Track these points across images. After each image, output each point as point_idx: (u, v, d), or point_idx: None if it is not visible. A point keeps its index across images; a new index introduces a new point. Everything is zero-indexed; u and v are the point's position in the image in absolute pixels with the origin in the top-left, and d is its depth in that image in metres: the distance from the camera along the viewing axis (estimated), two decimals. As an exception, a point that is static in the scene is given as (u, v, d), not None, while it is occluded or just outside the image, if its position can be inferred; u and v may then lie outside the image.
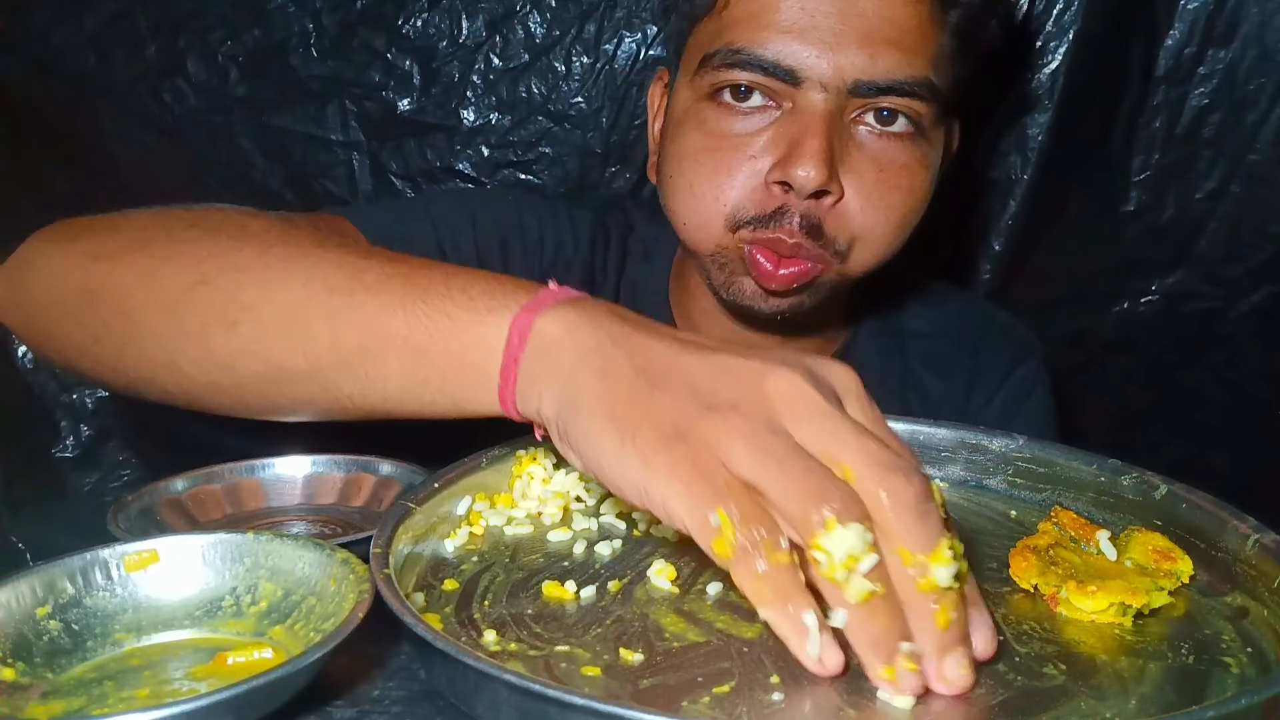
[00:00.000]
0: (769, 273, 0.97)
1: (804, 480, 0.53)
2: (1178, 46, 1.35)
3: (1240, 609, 0.67)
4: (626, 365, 0.60)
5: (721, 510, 0.53)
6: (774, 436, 0.55)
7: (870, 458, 0.55)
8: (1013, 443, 0.85)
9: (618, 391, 0.59)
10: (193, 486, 0.82)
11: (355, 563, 0.61)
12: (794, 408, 0.56)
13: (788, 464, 0.54)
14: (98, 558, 0.62)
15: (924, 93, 0.96)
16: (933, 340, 1.19)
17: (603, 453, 0.58)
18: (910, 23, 0.94)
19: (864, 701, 0.55)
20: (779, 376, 0.57)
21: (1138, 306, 1.48)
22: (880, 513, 0.54)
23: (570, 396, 0.61)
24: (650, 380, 0.59)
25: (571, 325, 0.63)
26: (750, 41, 0.95)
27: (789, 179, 0.93)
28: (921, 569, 0.53)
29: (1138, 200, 1.42)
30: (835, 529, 0.52)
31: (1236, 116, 1.36)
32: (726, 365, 0.59)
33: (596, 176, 1.44)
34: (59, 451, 1.52)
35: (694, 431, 0.56)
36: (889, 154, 0.97)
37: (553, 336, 0.63)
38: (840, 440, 0.55)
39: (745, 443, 0.55)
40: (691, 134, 1.00)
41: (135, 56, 1.39)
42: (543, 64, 1.40)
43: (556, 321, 0.63)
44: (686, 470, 0.55)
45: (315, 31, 1.38)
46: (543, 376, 0.62)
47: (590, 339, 0.62)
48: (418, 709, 0.59)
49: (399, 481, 0.84)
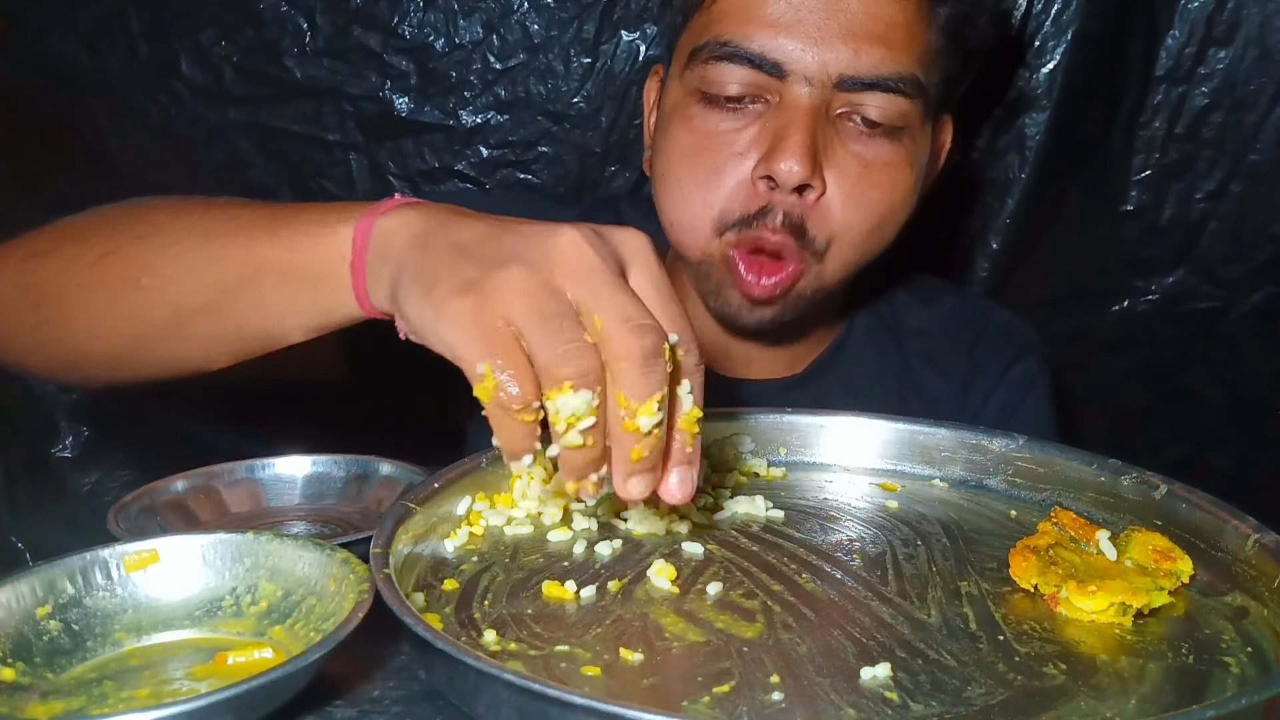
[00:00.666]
0: (751, 282, 0.99)
1: (556, 340, 0.60)
2: (1178, 46, 1.35)
3: (1240, 609, 0.67)
4: (446, 240, 0.66)
5: (487, 363, 0.60)
6: (546, 293, 0.61)
7: (618, 314, 0.61)
8: (1013, 443, 0.85)
9: (433, 259, 0.65)
10: (193, 486, 0.82)
11: (355, 563, 0.61)
12: (570, 265, 0.62)
13: (550, 322, 0.60)
14: (98, 558, 0.62)
15: (909, 89, 0.96)
16: (931, 338, 1.19)
17: (412, 308, 0.65)
18: (896, 19, 0.95)
19: (864, 701, 0.55)
20: (563, 236, 0.63)
21: (1137, 306, 1.48)
22: (612, 362, 0.61)
23: (398, 271, 0.67)
24: (462, 250, 0.65)
25: (406, 220, 0.70)
26: (737, 34, 0.96)
27: (773, 172, 0.94)
28: (630, 413, 0.60)
29: (1137, 200, 1.42)
30: (567, 392, 0.59)
31: (1237, 116, 1.36)
32: (526, 231, 0.65)
33: (596, 176, 1.43)
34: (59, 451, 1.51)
35: (483, 285, 0.61)
36: (873, 150, 0.98)
37: (389, 230, 0.70)
38: (598, 297, 0.61)
39: (521, 298, 0.61)
40: (680, 131, 1.01)
41: (129, 57, 1.39)
42: (541, 63, 1.39)
43: (394, 219, 0.70)
44: (468, 320, 0.61)
45: (309, 31, 1.38)
46: (383, 264, 0.69)
47: (420, 225, 0.68)
48: (418, 709, 0.59)
49: (399, 481, 0.84)
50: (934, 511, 0.81)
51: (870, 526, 0.78)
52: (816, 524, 0.78)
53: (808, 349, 1.16)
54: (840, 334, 1.18)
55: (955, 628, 0.63)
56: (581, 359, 0.60)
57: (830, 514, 0.80)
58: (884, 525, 0.78)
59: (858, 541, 0.75)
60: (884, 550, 0.74)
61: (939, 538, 0.76)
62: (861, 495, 0.84)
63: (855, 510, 0.81)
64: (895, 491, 0.85)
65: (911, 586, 0.69)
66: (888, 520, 0.79)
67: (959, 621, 0.64)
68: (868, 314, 1.18)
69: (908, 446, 0.89)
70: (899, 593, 0.68)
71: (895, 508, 0.82)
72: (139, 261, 0.82)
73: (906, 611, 0.65)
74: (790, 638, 0.61)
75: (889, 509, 0.82)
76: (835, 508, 0.82)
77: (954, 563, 0.72)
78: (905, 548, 0.75)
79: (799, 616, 0.64)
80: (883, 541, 0.76)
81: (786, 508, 0.81)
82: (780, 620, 0.63)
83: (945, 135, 1.11)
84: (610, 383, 0.61)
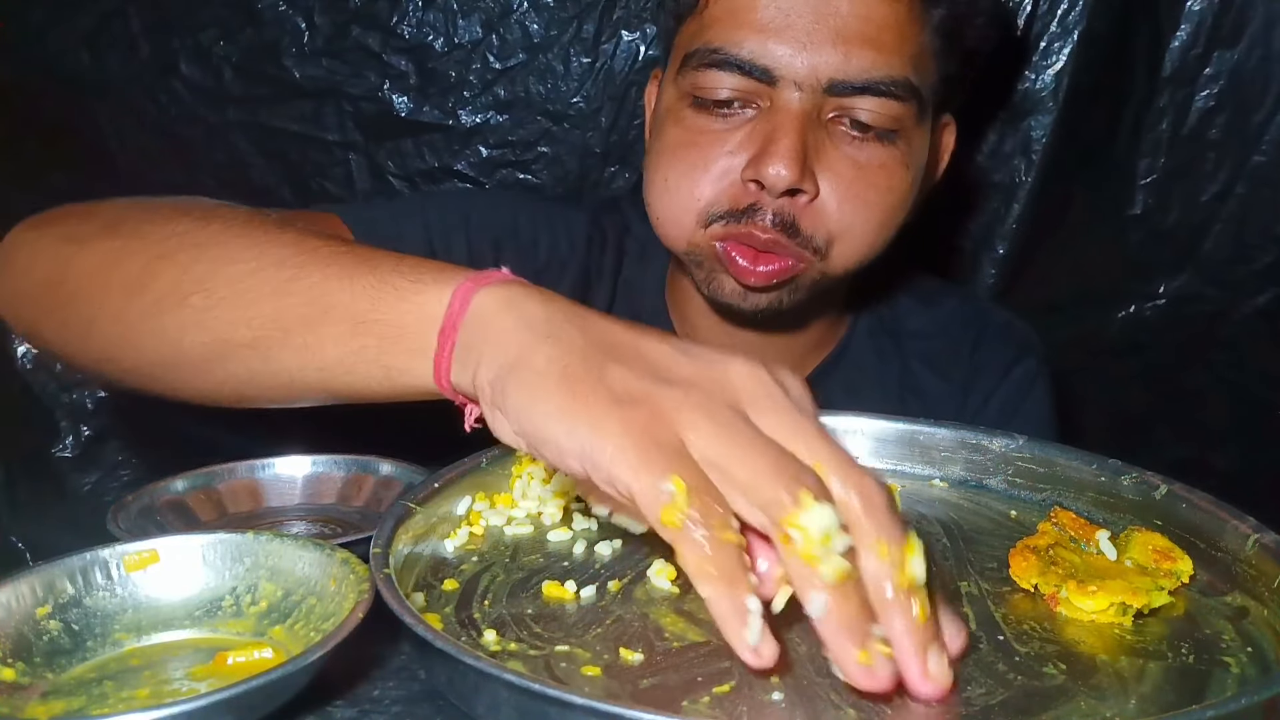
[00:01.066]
0: (746, 269, 0.98)
1: (775, 461, 0.52)
2: (1183, 47, 1.35)
3: (1240, 609, 0.67)
4: (579, 336, 0.58)
5: (677, 478, 0.51)
6: (736, 417, 0.54)
7: (840, 458, 0.54)
8: (1013, 443, 0.85)
9: (570, 356, 0.57)
10: (193, 486, 0.82)
11: (355, 563, 0.61)
12: (757, 396, 0.55)
13: (756, 443, 0.53)
14: (98, 558, 0.62)
15: (901, 92, 0.96)
16: (931, 340, 1.18)
17: (548, 412, 0.56)
18: (887, 20, 0.94)
19: (864, 701, 0.55)
20: (742, 364, 0.56)
21: (1143, 310, 1.48)
22: (851, 512, 0.53)
23: (513, 359, 0.59)
24: (604, 351, 0.57)
25: (516, 299, 0.62)
26: (727, 40, 0.95)
27: (761, 177, 0.94)
28: (898, 564, 0.52)
29: (1143, 203, 1.42)
30: (812, 506, 0.51)
31: (1242, 118, 1.36)
32: (686, 348, 0.58)
33: (596, 176, 1.44)
34: (59, 451, 1.52)
35: (650, 400, 0.54)
36: (866, 153, 0.97)
37: (496, 308, 0.61)
38: (806, 436, 0.54)
39: (707, 418, 0.53)
40: (671, 130, 1.01)
41: (129, 57, 1.39)
42: (540, 63, 1.39)
43: (501, 295, 0.62)
44: (639, 435, 0.53)
45: (308, 31, 1.38)
46: (483, 343, 0.61)
47: (539, 312, 0.61)
48: (418, 709, 0.59)
49: (399, 481, 0.84)
50: (934, 511, 0.81)
51: (870, 526, 0.78)
52: (816, 524, 0.78)
53: (812, 351, 1.16)
54: (843, 339, 1.18)
55: (955, 628, 0.63)
56: (810, 473, 0.52)
57: (830, 514, 0.80)
58: (884, 525, 0.78)
59: (858, 541, 0.75)
60: (884, 550, 0.74)
61: (939, 538, 0.76)
62: (861, 495, 0.84)
63: (855, 510, 0.81)
64: (895, 491, 0.85)
65: (911, 586, 0.68)
66: (888, 520, 0.79)
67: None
68: (869, 317, 1.18)
69: (908, 446, 0.89)
70: (899, 593, 0.67)
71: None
72: (192, 275, 0.73)
73: (906, 611, 0.65)
74: (790, 637, 0.61)
75: (889, 509, 0.81)
76: (835, 508, 0.81)
77: (954, 563, 0.72)
78: (905, 548, 0.74)
79: (799, 616, 0.64)
80: (883, 541, 0.75)
81: (786, 508, 0.80)
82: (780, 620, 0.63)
83: (947, 136, 1.11)
84: (869, 524, 0.53)
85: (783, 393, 0.56)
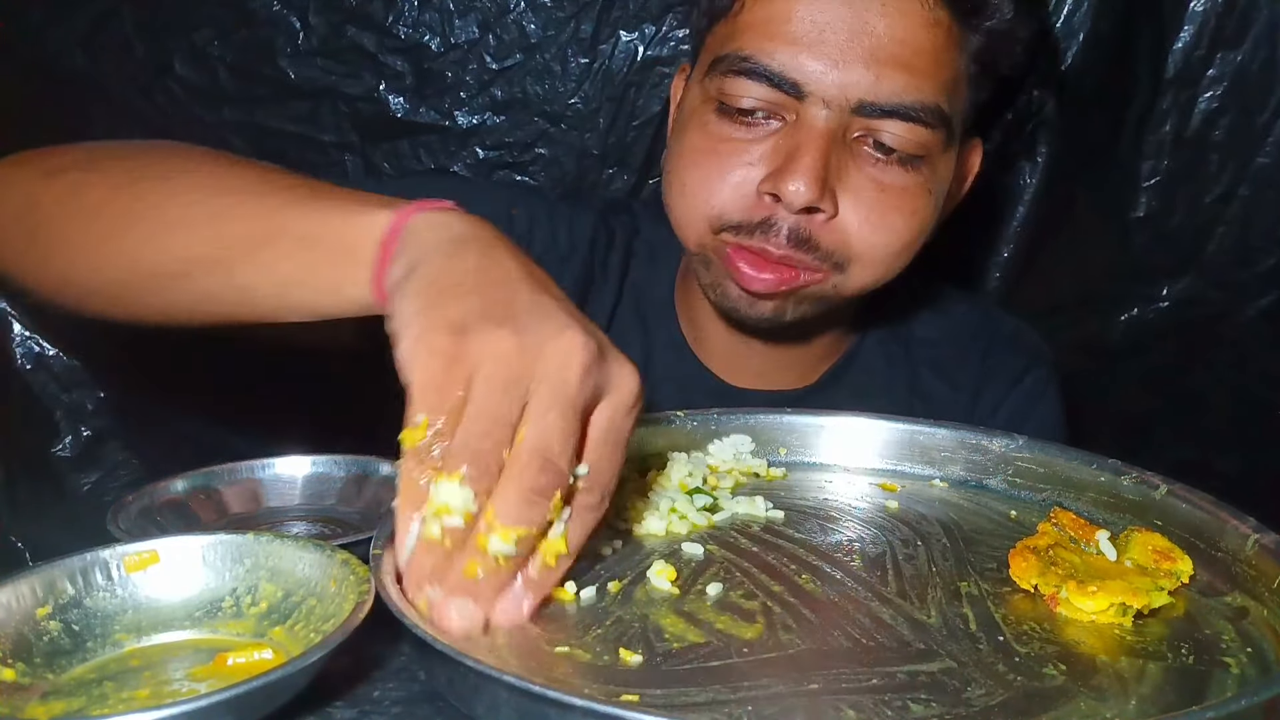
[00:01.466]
0: (750, 276, 0.98)
1: (476, 431, 0.59)
2: (1186, 49, 1.35)
3: (1240, 609, 0.67)
4: (473, 261, 0.65)
5: (426, 419, 0.59)
6: (507, 384, 0.60)
7: (539, 440, 0.59)
8: (1013, 443, 0.86)
9: (448, 275, 0.64)
10: (193, 486, 0.82)
11: (355, 563, 0.61)
12: (553, 369, 0.60)
13: (486, 412, 0.59)
14: (98, 558, 0.62)
15: (930, 119, 0.94)
16: (940, 347, 1.18)
17: (402, 312, 0.63)
18: (924, 45, 0.93)
19: (864, 701, 0.55)
20: (566, 337, 0.61)
21: (1147, 313, 1.48)
22: (505, 478, 0.59)
23: (412, 264, 0.66)
24: (480, 280, 0.64)
25: (450, 221, 0.69)
26: (759, 50, 0.94)
27: (779, 191, 0.93)
28: (489, 528, 0.59)
29: (1146, 206, 1.42)
30: (454, 482, 0.58)
31: (1246, 120, 1.36)
32: (547, 308, 0.63)
33: (594, 178, 1.43)
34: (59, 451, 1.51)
35: (470, 335, 0.60)
36: (889, 176, 0.96)
37: (430, 224, 0.69)
38: (539, 415, 0.60)
39: (494, 366, 0.59)
40: (694, 134, 1.00)
41: (124, 57, 1.39)
42: (537, 64, 1.39)
43: (439, 215, 0.70)
44: (438, 368, 0.60)
45: (304, 31, 1.37)
46: (409, 249, 0.68)
47: (460, 229, 0.68)
48: (418, 709, 0.59)
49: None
50: (934, 512, 0.81)
51: (870, 527, 0.78)
52: (816, 524, 0.78)
53: (820, 359, 1.16)
54: (852, 345, 1.17)
55: (955, 628, 0.63)
56: (484, 463, 0.59)
57: (830, 514, 0.80)
58: (884, 525, 0.78)
59: (857, 542, 0.75)
60: (884, 550, 0.74)
61: (939, 538, 0.76)
62: (861, 495, 0.84)
63: (855, 511, 0.81)
64: (895, 492, 0.85)
65: (911, 587, 0.69)
66: (888, 520, 0.79)
67: (959, 622, 0.64)
68: (879, 323, 1.18)
69: (908, 447, 0.89)
70: (899, 593, 0.68)
71: (895, 508, 0.82)
72: (155, 198, 0.80)
73: (906, 612, 0.65)
74: (790, 638, 0.61)
75: (889, 509, 0.82)
76: (835, 508, 0.82)
77: (954, 563, 0.72)
78: (905, 548, 0.75)
79: (799, 617, 0.64)
80: (882, 542, 0.76)
81: (786, 508, 0.81)
82: (780, 621, 0.63)
83: (973, 158, 1.10)
84: (492, 496, 0.60)
85: (573, 375, 0.60)
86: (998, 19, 0.98)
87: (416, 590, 0.60)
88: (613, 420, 0.63)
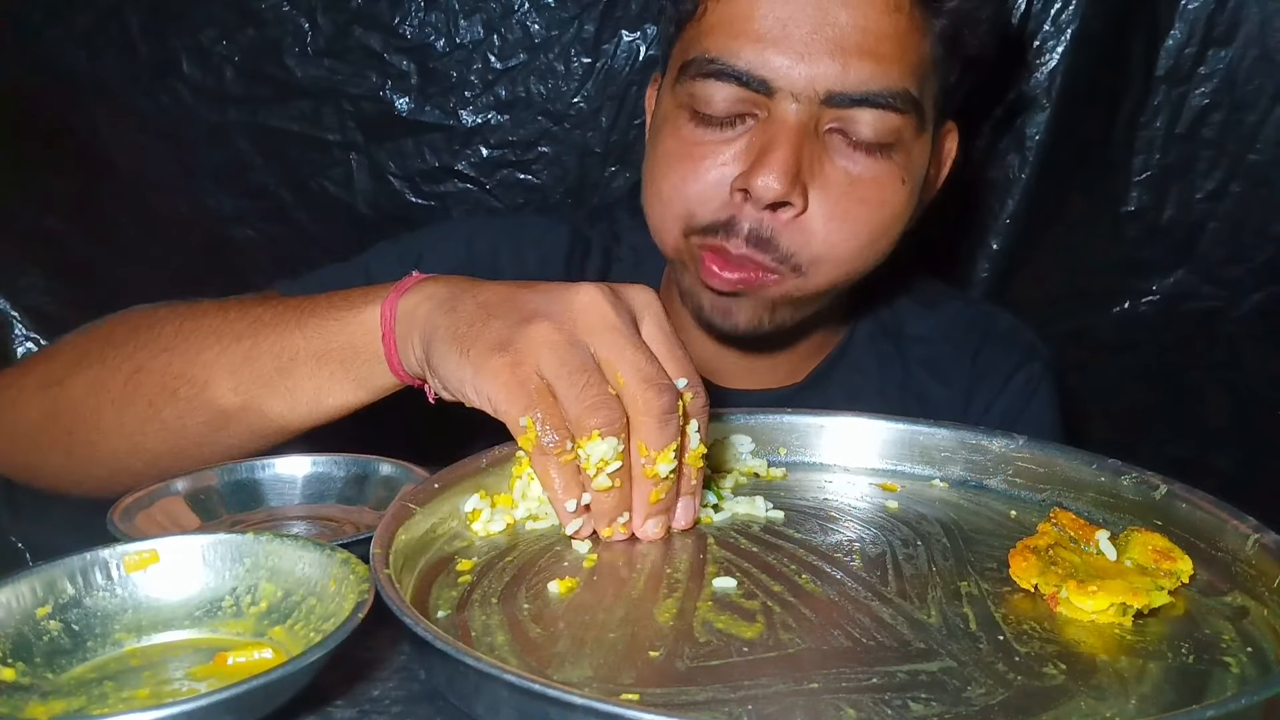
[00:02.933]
0: (714, 273, 0.99)
1: (584, 393, 0.68)
2: (1178, 46, 1.35)
3: (1240, 609, 0.67)
4: (472, 303, 0.74)
5: (529, 417, 0.68)
6: (571, 348, 0.69)
7: (638, 372, 0.69)
8: (1013, 443, 0.86)
9: (462, 321, 0.72)
10: (193, 486, 0.82)
11: (355, 563, 0.61)
12: (592, 321, 0.70)
13: (577, 377, 0.68)
14: (98, 558, 0.62)
15: (900, 104, 0.95)
16: (933, 344, 1.18)
17: (449, 368, 0.72)
18: (887, 32, 0.93)
19: (864, 701, 0.55)
20: (582, 294, 0.71)
21: (1138, 307, 1.48)
22: (634, 415, 0.69)
23: (429, 333, 0.75)
24: (489, 311, 0.72)
25: (429, 291, 0.78)
26: (724, 50, 0.95)
27: (750, 187, 0.94)
28: (650, 460, 0.69)
29: (1138, 200, 1.42)
30: (596, 440, 0.68)
31: (1237, 116, 1.36)
32: (545, 289, 0.73)
33: (596, 176, 1.44)
34: (59, 451, 1.51)
35: (515, 342, 0.69)
36: (861, 166, 0.96)
37: (415, 302, 0.78)
38: (619, 354, 0.69)
39: (549, 351, 0.68)
40: (668, 140, 1.01)
41: (127, 56, 1.39)
42: (541, 63, 1.39)
43: (417, 292, 0.78)
44: (506, 377, 0.68)
45: (310, 31, 1.38)
46: (412, 332, 0.77)
47: (444, 291, 0.77)
48: (418, 709, 0.59)
49: (399, 481, 0.84)
50: (934, 511, 0.81)
51: (870, 527, 0.78)
52: (816, 524, 0.78)
53: (808, 357, 1.15)
54: (841, 341, 1.17)
55: (955, 628, 0.63)
56: (608, 410, 0.68)
57: (830, 514, 0.80)
58: (884, 525, 0.78)
59: (858, 542, 0.75)
60: (884, 550, 0.74)
61: (939, 538, 0.76)
62: (861, 495, 0.84)
63: (855, 510, 0.81)
64: (895, 492, 0.85)
65: (911, 587, 0.69)
66: (888, 520, 0.79)
67: (959, 621, 0.64)
68: (870, 320, 1.18)
69: (907, 447, 0.89)
70: (899, 593, 0.68)
71: (895, 508, 0.82)
72: (172, 373, 0.87)
73: (906, 611, 0.65)
74: (790, 637, 0.61)
75: (889, 509, 0.82)
76: (835, 508, 0.82)
77: (954, 563, 0.72)
78: (905, 548, 0.75)
79: (799, 617, 0.64)
80: (883, 542, 0.76)
81: (786, 508, 0.81)
82: (780, 620, 0.63)
83: (950, 143, 1.10)
84: (633, 433, 0.69)
85: (612, 313, 0.70)
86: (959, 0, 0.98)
87: (609, 524, 0.72)
88: (660, 328, 0.73)
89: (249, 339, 0.85)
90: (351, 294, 0.84)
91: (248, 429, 0.87)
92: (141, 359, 0.88)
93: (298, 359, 0.83)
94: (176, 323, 0.89)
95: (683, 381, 0.71)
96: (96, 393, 0.89)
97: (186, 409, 0.86)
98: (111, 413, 0.89)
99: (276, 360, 0.84)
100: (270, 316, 0.86)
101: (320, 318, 0.83)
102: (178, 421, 0.87)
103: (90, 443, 0.91)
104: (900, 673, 0.58)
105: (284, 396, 0.84)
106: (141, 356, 0.88)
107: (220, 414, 0.86)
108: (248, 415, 0.86)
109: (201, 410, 0.86)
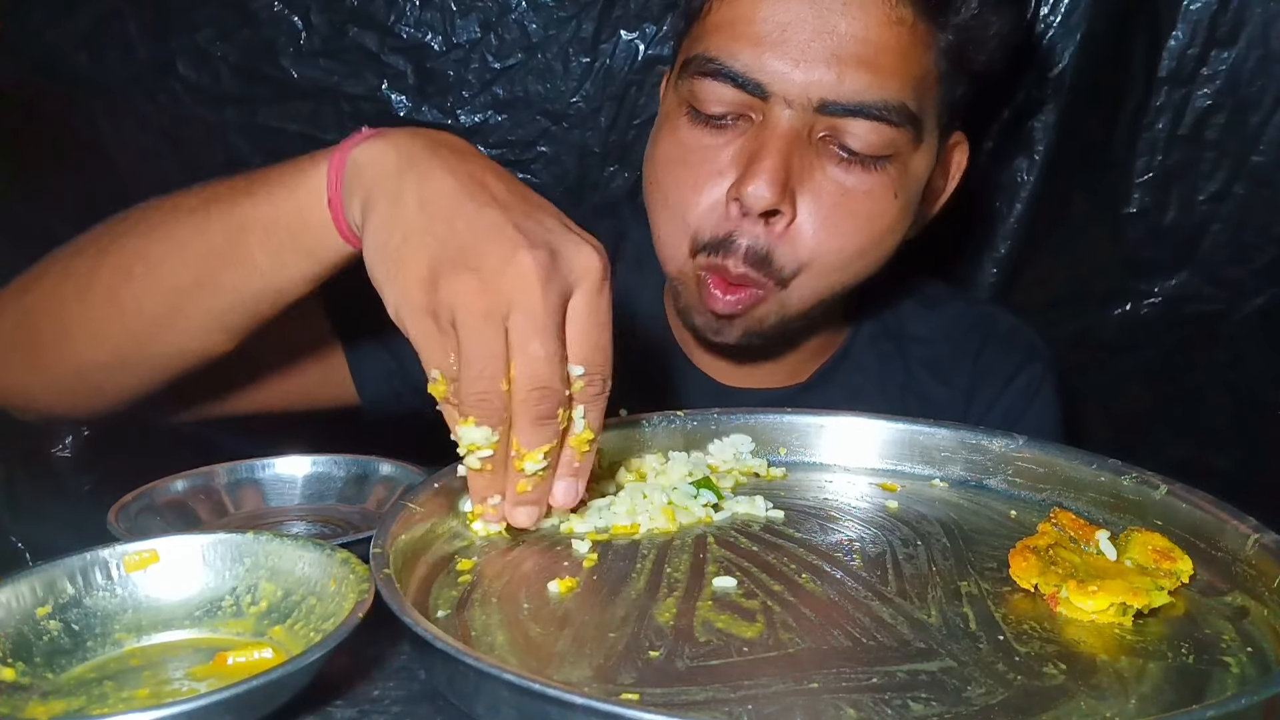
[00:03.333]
0: (716, 298, 0.99)
1: (476, 383, 0.66)
2: (1181, 47, 1.35)
3: (1240, 609, 0.67)
4: (412, 199, 0.70)
5: (439, 371, 0.68)
6: (485, 324, 0.66)
7: (529, 370, 0.66)
8: (1013, 443, 0.86)
9: (397, 227, 0.69)
10: (193, 486, 0.82)
11: (355, 563, 0.61)
12: (515, 294, 0.66)
13: (477, 361, 0.66)
14: (98, 558, 0.62)
15: (895, 117, 0.94)
16: (934, 345, 1.17)
17: (374, 275, 0.70)
18: (887, 43, 0.93)
19: (864, 701, 0.55)
20: (520, 258, 0.66)
21: (1140, 308, 1.48)
22: (515, 412, 0.67)
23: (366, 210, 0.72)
24: (429, 216, 0.69)
25: (378, 151, 0.74)
26: (723, 51, 0.95)
27: (741, 197, 0.94)
28: (519, 456, 0.69)
29: (1140, 202, 1.42)
30: (470, 425, 0.67)
31: (1240, 118, 1.36)
32: (494, 228, 0.67)
33: (595, 176, 1.43)
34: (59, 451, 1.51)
35: (439, 288, 0.66)
36: (853, 178, 0.96)
37: (361, 162, 0.74)
38: (522, 343, 0.66)
39: (465, 317, 0.65)
40: (667, 141, 1.01)
41: (127, 57, 1.39)
42: (539, 63, 1.39)
43: (365, 151, 0.74)
44: (428, 326, 0.67)
45: (306, 31, 1.38)
46: (355, 191, 0.73)
47: (392, 160, 0.72)
48: (418, 709, 0.59)
49: (399, 481, 0.84)
50: (934, 511, 0.81)
51: (870, 526, 0.78)
52: (816, 524, 0.78)
53: (811, 358, 1.15)
54: (844, 342, 1.17)
55: (955, 627, 0.63)
56: (489, 405, 0.67)
57: (830, 514, 0.80)
58: (884, 525, 0.78)
59: (858, 541, 0.75)
60: (884, 550, 0.74)
61: (939, 538, 0.76)
62: (861, 495, 0.84)
63: (855, 510, 0.81)
64: (895, 491, 0.85)
65: (911, 586, 0.69)
66: (888, 520, 0.79)
67: (959, 621, 0.64)
68: (872, 321, 1.18)
69: (908, 447, 0.89)
70: (899, 593, 0.68)
71: (895, 508, 0.82)
72: (128, 254, 0.84)
73: (906, 611, 0.65)
74: (790, 637, 0.61)
75: (889, 509, 0.82)
76: (835, 508, 0.82)
77: (954, 563, 0.72)
78: (905, 548, 0.75)
79: (799, 616, 0.64)
80: (883, 541, 0.76)
81: (786, 508, 0.81)
82: (780, 620, 0.63)
83: (958, 155, 1.09)
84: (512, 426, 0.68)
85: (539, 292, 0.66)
86: (965, 14, 0.97)
87: (481, 503, 0.72)
88: (588, 305, 0.69)
89: (200, 212, 0.82)
90: (300, 159, 0.80)
91: (205, 311, 0.83)
92: (104, 243, 0.87)
93: (246, 228, 0.79)
94: (142, 209, 0.87)
95: (579, 370, 0.69)
96: (61, 283, 0.88)
97: (142, 289, 0.83)
98: (75, 302, 0.87)
99: (225, 232, 0.80)
100: (225, 189, 0.82)
101: (269, 185, 0.80)
102: (134, 304, 0.84)
103: (55, 342, 0.89)
104: (900, 672, 0.58)
105: (236, 270, 0.81)
106: (104, 241, 0.87)
107: (175, 291, 0.83)
108: (202, 293, 0.82)
109: (155, 289, 0.83)
